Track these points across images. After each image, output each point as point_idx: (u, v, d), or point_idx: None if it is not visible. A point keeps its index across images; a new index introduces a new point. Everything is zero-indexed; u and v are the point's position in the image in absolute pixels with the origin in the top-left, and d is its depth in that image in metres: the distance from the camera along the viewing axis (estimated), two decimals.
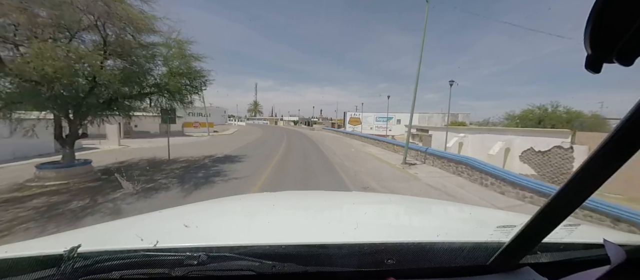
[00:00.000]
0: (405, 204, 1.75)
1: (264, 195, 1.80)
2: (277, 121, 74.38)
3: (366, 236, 0.91)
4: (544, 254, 0.79)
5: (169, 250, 0.69)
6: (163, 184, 6.28)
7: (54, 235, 0.91)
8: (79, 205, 4.57)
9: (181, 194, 5.44)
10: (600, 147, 0.45)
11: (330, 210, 1.44)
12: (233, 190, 5.92)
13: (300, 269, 0.69)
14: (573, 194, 0.53)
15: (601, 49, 0.35)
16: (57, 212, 4.24)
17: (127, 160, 9.63)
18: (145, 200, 5.01)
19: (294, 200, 1.69)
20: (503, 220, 1.10)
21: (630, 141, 0.42)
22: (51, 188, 5.56)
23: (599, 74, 0.38)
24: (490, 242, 0.77)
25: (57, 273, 0.60)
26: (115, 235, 0.95)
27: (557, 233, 0.67)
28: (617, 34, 0.33)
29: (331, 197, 1.82)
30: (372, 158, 12.23)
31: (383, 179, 7.79)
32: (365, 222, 1.14)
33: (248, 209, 1.38)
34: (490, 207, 4.45)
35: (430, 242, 0.78)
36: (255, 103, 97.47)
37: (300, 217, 1.30)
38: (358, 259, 0.74)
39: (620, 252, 0.62)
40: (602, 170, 0.47)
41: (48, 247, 0.71)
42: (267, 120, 79.51)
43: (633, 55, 0.34)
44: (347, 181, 7.30)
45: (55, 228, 3.70)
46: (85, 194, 5.21)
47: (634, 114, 0.39)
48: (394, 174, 8.77)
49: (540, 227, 0.64)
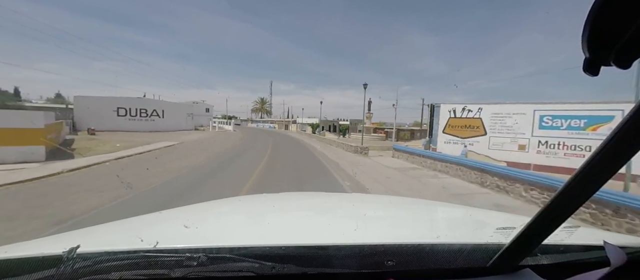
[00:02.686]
0: (405, 205, 1.74)
1: (264, 197, 1.80)
2: (287, 125, 53.22)
3: (366, 237, 0.91)
4: (544, 256, 0.79)
5: (169, 251, 0.70)
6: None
7: (53, 236, 0.92)
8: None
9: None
10: (600, 148, 0.44)
11: (330, 211, 1.43)
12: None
13: (299, 271, 0.69)
14: (573, 196, 0.53)
15: (599, 53, 0.35)
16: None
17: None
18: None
19: (293, 202, 1.68)
20: (503, 222, 1.13)
21: (630, 142, 0.42)
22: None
23: (598, 76, 0.38)
24: (490, 243, 0.77)
25: (56, 274, 0.60)
26: (114, 236, 0.95)
27: (557, 235, 0.67)
28: (615, 37, 0.34)
29: (331, 198, 1.81)
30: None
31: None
32: (365, 223, 1.14)
33: (248, 210, 1.38)
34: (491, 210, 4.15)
35: (430, 244, 0.79)
36: (261, 101, 74.85)
37: (300, 218, 1.30)
38: (358, 260, 0.74)
39: (620, 253, 0.62)
40: (602, 171, 0.47)
41: (47, 247, 0.71)
42: (275, 123, 59.84)
43: (630, 59, 0.35)
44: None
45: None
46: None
47: (633, 115, 0.39)
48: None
49: (540, 229, 0.64)
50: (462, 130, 12.46)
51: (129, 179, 6.73)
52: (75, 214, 4.45)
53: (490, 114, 11.50)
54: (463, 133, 12.45)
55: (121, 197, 5.33)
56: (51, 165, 7.86)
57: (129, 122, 24.95)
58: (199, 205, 1.48)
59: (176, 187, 6.29)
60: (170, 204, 3.40)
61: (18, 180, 6.07)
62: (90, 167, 8.22)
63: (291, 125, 52.64)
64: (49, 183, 6.29)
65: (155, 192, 5.84)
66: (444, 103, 13.26)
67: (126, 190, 5.78)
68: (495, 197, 6.87)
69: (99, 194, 5.46)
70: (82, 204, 4.90)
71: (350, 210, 1.45)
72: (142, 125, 25.42)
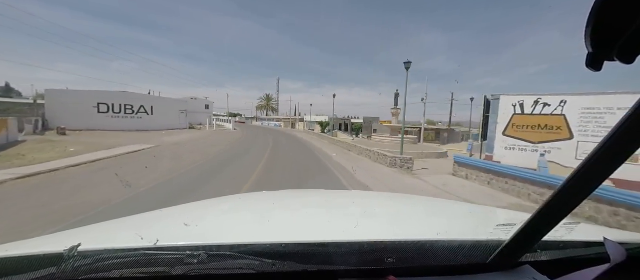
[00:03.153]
0: (406, 202, 1.77)
1: (264, 194, 1.79)
2: (294, 123, 50.83)
3: (366, 234, 0.92)
4: (544, 253, 0.80)
5: (169, 249, 0.69)
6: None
7: (54, 234, 0.91)
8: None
9: None
10: (601, 145, 0.45)
11: (330, 208, 1.44)
12: None
13: (300, 268, 0.69)
14: (573, 193, 0.54)
15: (602, 48, 0.35)
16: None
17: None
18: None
19: (294, 199, 1.69)
20: (503, 219, 1.12)
21: (630, 140, 0.42)
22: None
23: (600, 72, 0.38)
24: (491, 240, 0.78)
25: (57, 272, 0.59)
26: (115, 234, 0.94)
27: (557, 231, 0.69)
28: (618, 32, 0.33)
29: (331, 195, 1.85)
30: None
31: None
32: (365, 220, 1.14)
33: (248, 208, 1.38)
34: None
35: (430, 241, 0.79)
36: (267, 98, 71.66)
37: (301, 215, 1.29)
38: (358, 257, 0.74)
39: (620, 250, 0.64)
40: (603, 168, 0.47)
41: (48, 246, 0.71)
42: (281, 121, 57.63)
43: (634, 54, 0.34)
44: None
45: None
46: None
47: (634, 112, 0.40)
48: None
49: (541, 226, 0.65)
50: (534, 133, 8.88)
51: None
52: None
53: (580, 109, 8.03)
54: (535, 136, 8.86)
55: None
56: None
57: (111, 120, 21.64)
58: (200, 203, 1.45)
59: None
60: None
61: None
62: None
63: (298, 123, 48.72)
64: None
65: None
66: (507, 94, 9.44)
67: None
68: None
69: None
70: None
71: (350, 207, 1.45)
72: (128, 124, 22.22)
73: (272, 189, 2.77)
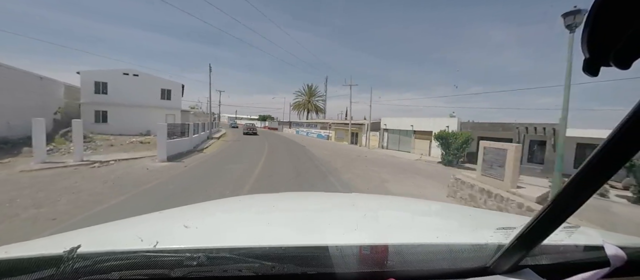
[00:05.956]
0: (405, 205, 1.76)
1: (264, 197, 1.78)
2: (357, 134, 28.37)
3: (366, 237, 0.92)
4: (544, 256, 0.79)
5: (169, 251, 0.69)
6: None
7: (54, 236, 0.90)
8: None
9: None
10: (600, 148, 0.45)
11: (330, 211, 1.43)
12: None
13: (300, 271, 0.69)
14: (573, 196, 0.54)
15: (598, 53, 0.35)
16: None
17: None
18: None
19: (293, 202, 1.68)
20: (503, 222, 1.09)
21: (630, 142, 0.42)
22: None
23: (597, 77, 0.38)
24: (490, 243, 0.78)
25: (56, 273, 0.60)
26: (115, 235, 0.94)
27: (557, 235, 0.69)
28: (614, 38, 0.34)
29: (331, 198, 1.84)
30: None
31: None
32: (365, 223, 1.13)
33: (248, 210, 1.37)
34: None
35: (430, 244, 0.79)
36: (309, 91, 48.11)
37: (300, 218, 1.29)
38: (358, 260, 0.73)
39: (620, 254, 0.64)
40: (602, 171, 0.47)
41: (48, 247, 0.70)
42: (330, 126, 34.58)
43: (630, 59, 0.34)
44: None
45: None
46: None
47: (633, 115, 0.39)
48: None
49: (541, 229, 0.64)
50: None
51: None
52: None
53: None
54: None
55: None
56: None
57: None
58: (199, 205, 1.45)
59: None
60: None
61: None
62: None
63: (366, 133, 26.46)
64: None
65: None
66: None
67: None
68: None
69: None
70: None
71: (350, 210, 1.43)
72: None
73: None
